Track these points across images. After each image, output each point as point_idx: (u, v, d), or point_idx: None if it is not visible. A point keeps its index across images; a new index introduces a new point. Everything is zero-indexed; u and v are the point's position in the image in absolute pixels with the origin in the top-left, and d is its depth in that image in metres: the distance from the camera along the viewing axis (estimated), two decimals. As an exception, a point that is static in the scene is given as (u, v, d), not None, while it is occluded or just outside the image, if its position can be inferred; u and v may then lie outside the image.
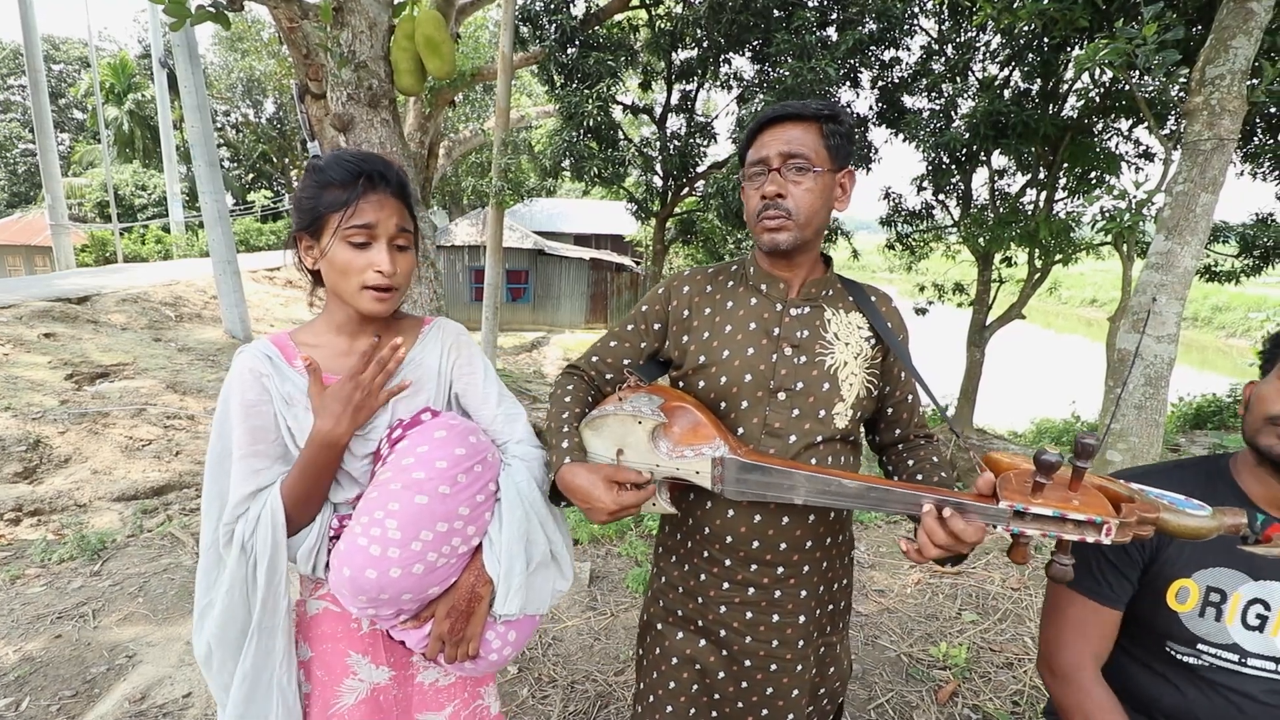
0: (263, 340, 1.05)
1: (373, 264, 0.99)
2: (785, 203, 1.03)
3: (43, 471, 4.71)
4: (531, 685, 2.17)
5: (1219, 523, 0.78)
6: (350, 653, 1.06)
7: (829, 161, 1.03)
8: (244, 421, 0.98)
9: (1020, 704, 2.06)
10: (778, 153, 1.03)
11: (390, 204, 1.01)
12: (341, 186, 0.98)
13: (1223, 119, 2.87)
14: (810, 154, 1.02)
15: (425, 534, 0.94)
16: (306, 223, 1.00)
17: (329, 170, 1.00)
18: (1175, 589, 1.03)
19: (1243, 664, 1.01)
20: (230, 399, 0.99)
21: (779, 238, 1.04)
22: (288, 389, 1.01)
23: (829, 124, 1.03)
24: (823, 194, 1.04)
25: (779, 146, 1.03)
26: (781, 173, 1.03)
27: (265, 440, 0.99)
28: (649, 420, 0.99)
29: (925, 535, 0.85)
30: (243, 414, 0.98)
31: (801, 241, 1.05)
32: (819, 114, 1.02)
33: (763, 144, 1.05)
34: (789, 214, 1.03)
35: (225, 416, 0.99)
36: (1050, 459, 0.76)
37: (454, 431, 1.01)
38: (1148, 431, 3.03)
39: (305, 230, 1.01)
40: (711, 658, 1.12)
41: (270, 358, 1.02)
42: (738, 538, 1.07)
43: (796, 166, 1.02)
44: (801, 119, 1.03)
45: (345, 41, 3.34)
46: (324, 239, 0.99)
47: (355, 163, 1.01)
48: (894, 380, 1.13)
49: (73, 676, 2.22)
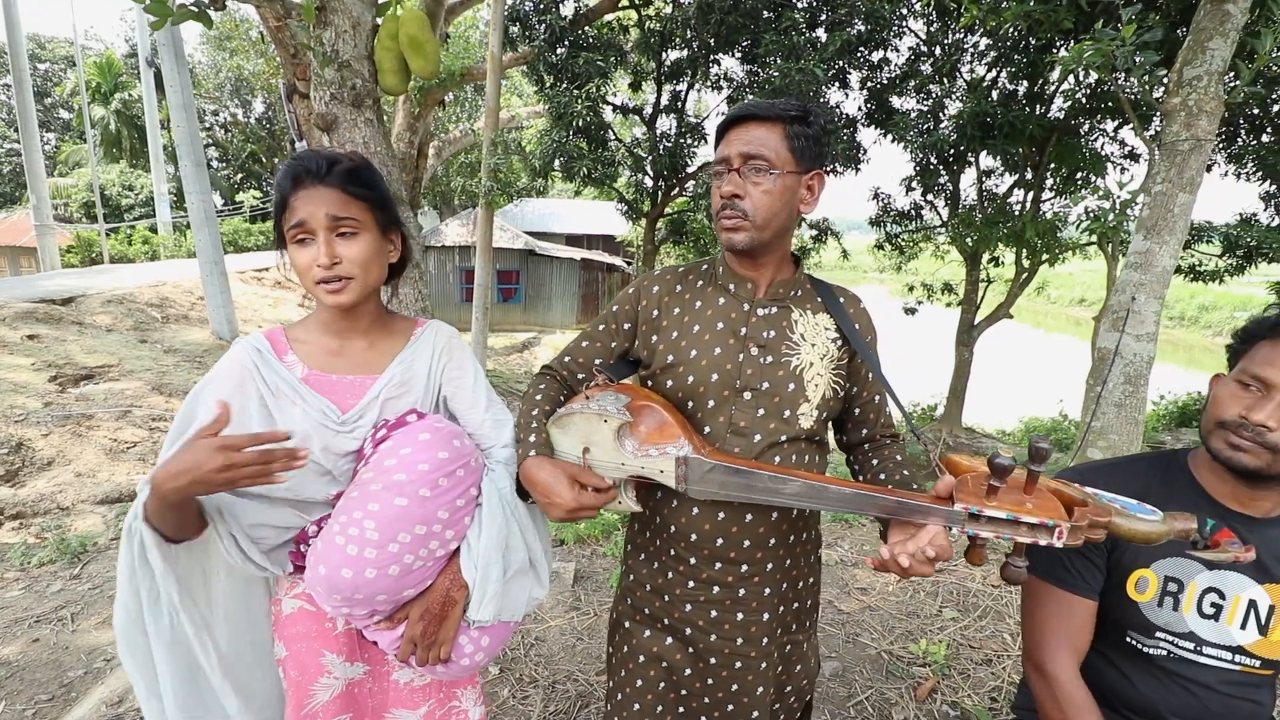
0: (257, 334, 1.07)
1: (314, 259, 1.00)
2: (742, 203, 1.03)
3: (25, 474, 4.67)
4: (513, 685, 2.17)
5: (1169, 528, 0.80)
6: (325, 652, 1.07)
7: (792, 163, 1.03)
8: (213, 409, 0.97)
9: (998, 700, 2.08)
10: (738, 153, 1.03)
11: (319, 194, 0.99)
12: (281, 189, 1.02)
13: (1200, 119, 2.90)
14: (770, 155, 1.02)
15: (403, 536, 0.94)
16: (279, 233, 1.04)
17: (278, 179, 1.04)
18: (1135, 579, 1.05)
19: (1199, 652, 1.03)
20: (205, 387, 1.01)
21: (735, 238, 1.05)
22: (274, 380, 1.02)
23: (794, 125, 1.02)
24: (783, 195, 1.04)
25: (739, 146, 1.03)
26: (741, 173, 1.03)
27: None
28: (614, 419, 1.00)
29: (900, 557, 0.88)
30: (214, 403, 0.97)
31: (759, 242, 1.06)
32: (784, 115, 1.02)
33: (726, 143, 1.05)
34: (745, 214, 1.03)
35: (199, 391, 1.00)
36: (1004, 463, 0.77)
37: (438, 435, 1.01)
38: (1127, 429, 3.06)
39: (280, 238, 1.05)
40: (678, 655, 1.13)
41: (260, 350, 1.03)
42: (702, 536, 1.08)
43: (755, 167, 1.02)
44: (765, 119, 1.03)
45: (328, 41, 3.33)
46: (286, 242, 1.03)
47: (291, 164, 1.03)
48: (861, 381, 1.14)
49: (49, 680, 2.20)
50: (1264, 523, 1.02)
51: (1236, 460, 0.97)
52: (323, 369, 1.05)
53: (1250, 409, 0.95)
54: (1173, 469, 1.09)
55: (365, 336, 1.09)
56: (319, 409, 1.02)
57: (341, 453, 1.03)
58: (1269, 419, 0.93)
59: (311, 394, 1.02)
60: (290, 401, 1.01)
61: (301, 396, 1.01)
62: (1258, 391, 0.96)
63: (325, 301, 1.02)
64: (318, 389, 1.03)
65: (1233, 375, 1.00)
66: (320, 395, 1.03)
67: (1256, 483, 0.99)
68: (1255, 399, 0.96)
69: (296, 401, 1.01)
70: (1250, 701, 1.04)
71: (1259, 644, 1.02)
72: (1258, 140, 6.87)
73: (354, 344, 1.09)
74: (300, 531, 1.04)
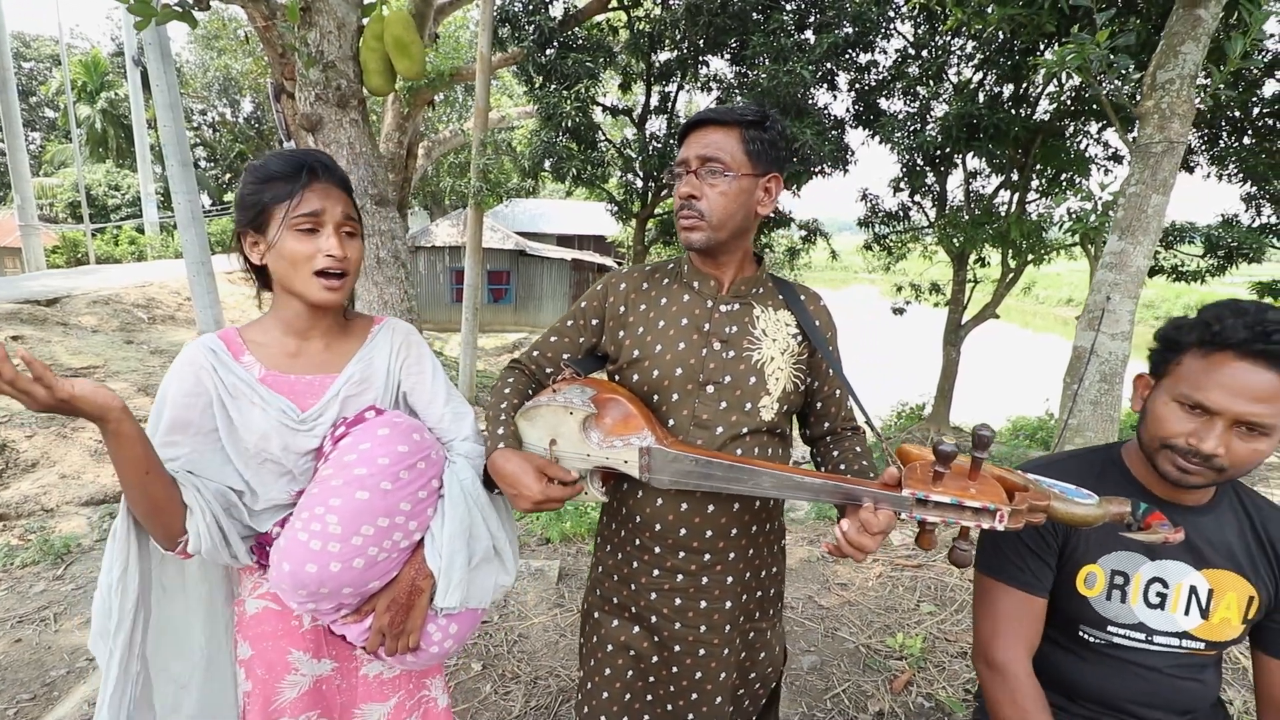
0: (210, 335, 1.06)
1: (322, 249, 1.01)
2: (698, 204, 1.07)
3: (8, 476, 4.64)
4: (495, 681, 2.19)
5: (1104, 511, 0.83)
6: (291, 650, 1.07)
7: (748, 165, 1.06)
8: (169, 410, 1.00)
9: (972, 691, 2.12)
10: (695, 155, 1.07)
11: (335, 193, 1.03)
12: (284, 179, 1.00)
13: (1173, 122, 2.96)
14: (726, 158, 1.05)
15: (366, 529, 0.96)
16: (251, 218, 1.01)
17: (269, 165, 1.02)
18: (1084, 574, 1.08)
19: (1149, 641, 1.07)
20: (166, 385, 1.01)
21: (692, 237, 1.09)
22: (231, 381, 1.02)
23: (750, 129, 1.06)
24: (738, 197, 1.07)
25: (697, 149, 1.07)
26: (698, 175, 1.07)
27: (183, 433, 1.01)
28: (580, 411, 1.03)
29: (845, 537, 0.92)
30: (170, 402, 1.00)
31: (715, 242, 1.09)
32: (741, 119, 1.06)
33: (686, 146, 1.09)
34: (701, 215, 1.07)
35: (157, 401, 1.02)
36: (947, 449, 0.80)
37: (397, 429, 1.03)
38: (1103, 426, 3.11)
39: (250, 226, 1.02)
40: (644, 643, 1.16)
41: (214, 350, 1.03)
42: (666, 525, 1.10)
43: (711, 170, 1.06)
44: (722, 124, 1.06)
45: (313, 41, 3.34)
46: (270, 231, 1.01)
47: (297, 156, 1.03)
48: (821, 376, 1.17)
49: (31, 680, 2.21)
50: (1195, 510, 1.06)
51: (1186, 482, 0.98)
52: (280, 369, 1.05)
53: (1197, 437, 0.94)
54: (1109, 463, 1.12)
55: (324, 337, 1.10)
56: (278, 408, 1.02)
57: (301, 451, 1.04)
58: (1217, 448, 0.93)
59: (270, 393, 1.03)
60: (249, 402, 1.01)
61: (260, 396, 1.02)
62: (1199, 415, 0.94)
63: (317, 296, 1.02)
64: (276, 389, 1.04)
65: (1172, 394, 0.98)
66: (279, 395, 1.03)
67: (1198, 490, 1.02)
68: (1199, 424, 0.94)
69: (255, 401, 1.02)
70: (1197, 681, 1.08)
71: (1202, 627, 1.05)
72: (1239, 142, 6.97)
73: (313, 344, 1.09)
74: (264, 534, 1.05)
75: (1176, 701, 1.07)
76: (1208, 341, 0.94)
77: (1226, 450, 0.93)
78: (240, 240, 1.05)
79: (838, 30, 7.23)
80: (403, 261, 3.88)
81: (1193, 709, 1.09)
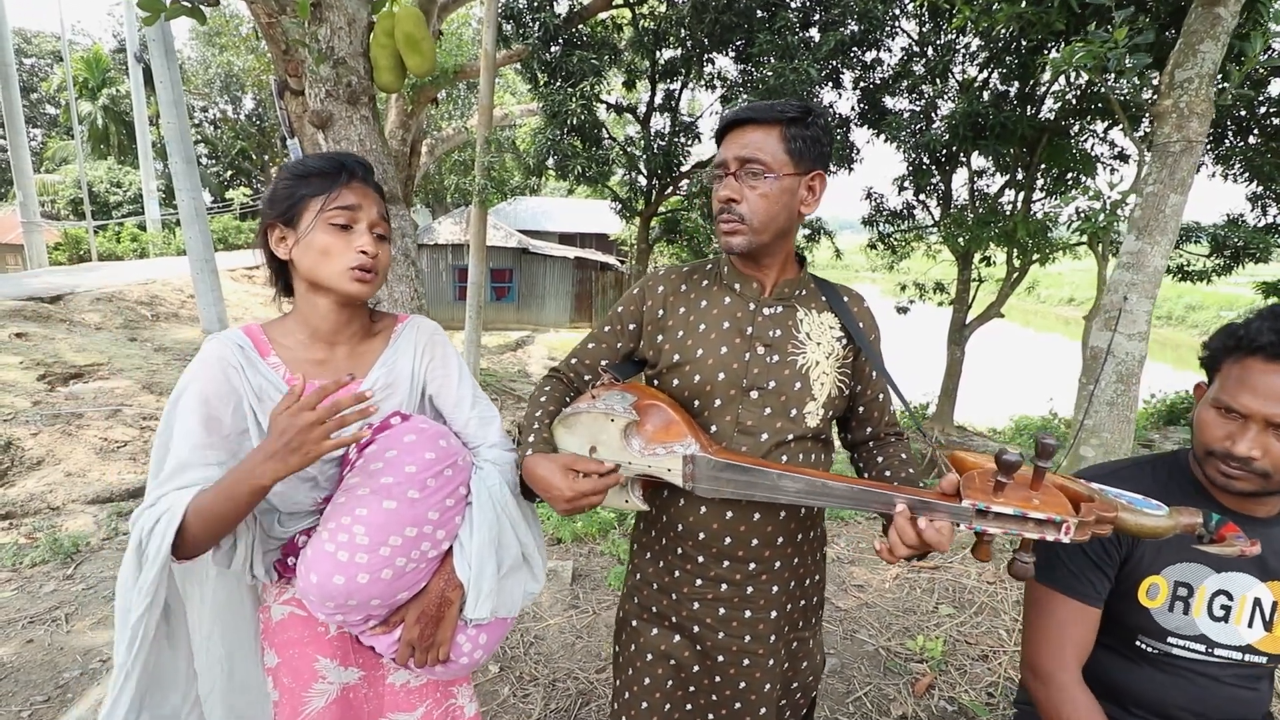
0: (235, 330, 1.03)
1: (355, 245, 0.99)
2: (739, 208, 1.04)
3: (14, 474, 4.62)
4: (513, 684, 2.18)
5: (1175, 522, 0.81)
6: (318, 657, 1.05)
7: (790, 165, 1.03)
8: (200, 408, 0.95)
9: (995, 695, 2.10)
10: (734, 156, 1.03)
11: (371, 194, 1.03)
12: (322, 175, 1.00)
13: (1191, 121, 2.93)
14: (767, 158, 1.02)
15: (394, 539, 0.93)
16: (282, 210, 1.00)
17: (309, 163, 1.01)
18: (1146, 586, 1.06)
19: (1210, 654, 1.05)
20: (190, 385, 0.96)
21: (733, 241, 1.05)
22: (259, 382, 0.98)
23: (791, 127, 1.02)
24: (780, 198, 1.03)
25: (735, 150, 1.03)
26: (737, 177, 1.03)
27: (218, 433, 0.96)
28: (621, 418, 1.00)
29: (896, 535, 0.88)
30: (200, 403, 0.95)
31: (757, 245, 1.06)
32: (781, 116, 1.02)
33: (724, 146, 1.06)
34: (742, 219, 1.04)
35: (178, 399, 0.95)
36: (1011, 459, 0.78)
37: (424, 436, 1.00)
38: (1119, 427, 3.09)
39: (279, 218, 1.00)
40: (686, 653, 1.13)
41: (242, 347, 1.00)
42: (710, 534, 1.08)
43: (751, 171, 1.02)
44: (762, 122, 1.02)
45: (323, 38, 3.31)
46: (302, 224, 0.99)
47: (337, 156, 1.03)
48: (865, 380, 1.15)
49: (44, 682, 2.19)
50: (1266, 522, 1.04)
51: (1232, 487, 0.99)
52: (306, 374, 1.02)
53: (1232, 440, 0.96)
54: (1175, 470, 1.10)
55: (350, 340, 1.07)
56: None
57: (324, 460, 1.01)
58: (1251, 450, 0.94)
59: None
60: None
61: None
62: (1235, 419, 0.96)
63: (349, 289, 1.00)
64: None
65: (1210, 401, 1.00)
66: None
67: (1255, 497, 1.01)
68: (1235, 428, 0.96)
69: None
70: (1252, 690, 1.07)
71: (1265, 640, 1.04)
72: (1245, 141, 6.95)
73: (339, 349, 1.06)
74: (289, 542, 1.02)
75: (1230, 710, 1.06)
76: (1239, 347, 0.96)
77: (1265, 453, 0.94)
78: (265, 234, 1.03)
79: (843, 28, 7.21)
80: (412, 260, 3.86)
81: (1245, 718, 1.08)
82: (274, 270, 1.07)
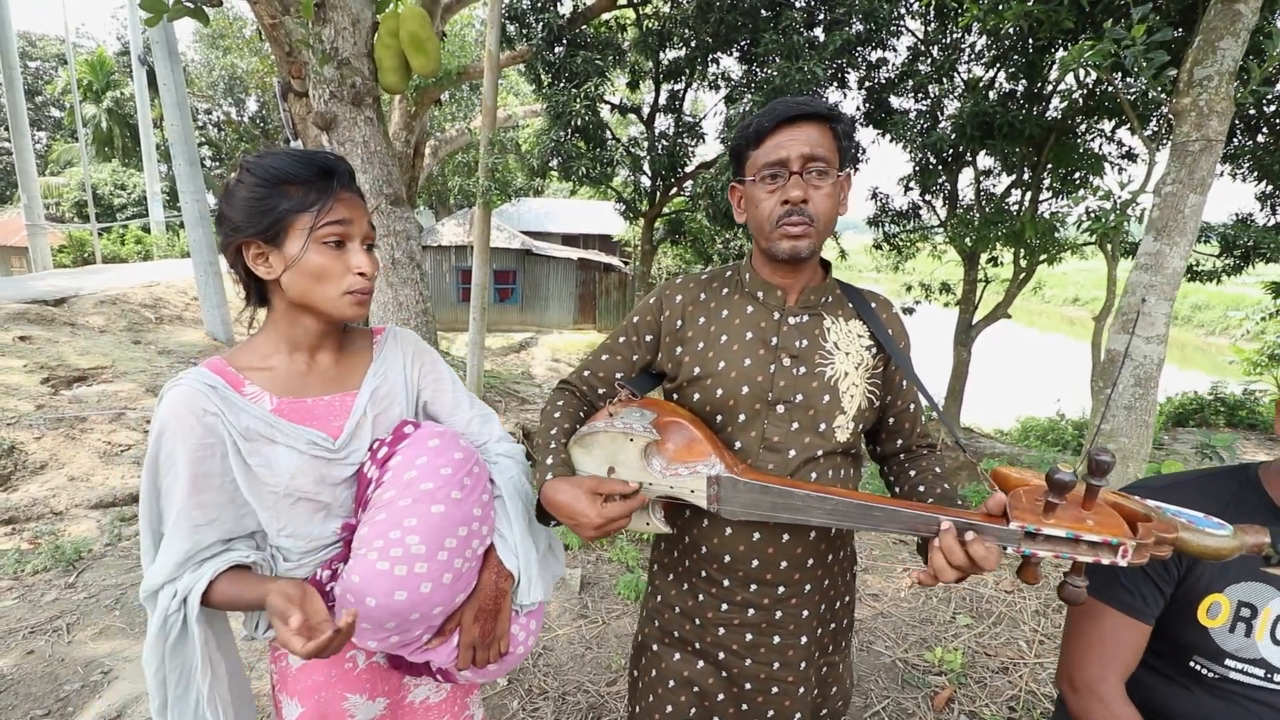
0: (199, 370, 0.91)
1: (353, 267, 0.93)
2: (809, 208, 0.97)
3: (17, 478, 4.58)
4: (522, 697, 2.13)
5: (1240, 542, 0.75)
6: (347, 695, 1.01)
7: (839, 164, 0.99)
8: (187, 469, 0.87)
9: (1017, 709, 2.05)
10: (799, 154, 0.96)
11: (359, 202, 0.95)
12: (306, 185, 0.89)
13: (1210, 120, 2.88)
14: (829, 156, 0.97)
15: (449, 541, 0.91)
16: (264, 226, 0.88)
17: (281, 166, 0.89)
18: (1207, 604, 1.00)
19: (1269, 679, 0.99)
20: (165, 443, 0.87)
21: (801, 245, 0.98)
22: (245, 422, 0.89)
23: (840, 124, 0.98)
24: (836, 197, 0.99)
25: (800, 148, 0.96)
26: (803, 176, 0.97)
27: (210, 489, 0.89)
28: (641, 437, 0.95)
29: (943, 557, 0.80)
30: (186, 460, 0.87)
31: (820, 248, 1.02)
32: (833, 113, 0.97)
33: (780, 144, 0.97)
34: (812, 220, 0.97)
35: (157, 463, 0.87)
36: (1065, 478, 0.73)
37: (446, 439, 0.97)
38: (1137, 432, 3.04)
39: (259, 235, 0.89)
40: (710, 680, 1.08)
41: (214, 388, 0.89)
42: (736, 557, 1.03)
43: (818, 170, 0.96)
44: (820, 118, 0.97)
45: (328, 39, 3.28)
46: (289, 244, 0.89)
47: (317, 159, 0.92)
48: (895, 390, 1.09)
49: (45, 694, 2.15)
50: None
51: None
52: (293, 394, 0.95)
53: None
54: (1245, 487, 1.03)
55: (332, 351, 1.01)
56: (308, 440, 0.92)
57: (337, 482, 0.96)
58: None
59: (292, 426, 0.92)
60: (269, 441, 0.91)
61: (282, 432, 0.91)
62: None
63: (347, 313, 0.94)
64: (295, 418, 0.93)
65: None
66: (301, 426, 0.93)
67: None
68: None
69: (277, 439, 0.91)
70: None
71: None
72: (1253, 140, 6.89)
73: (321, 360, 0.99)
74: (311, 579, 0.97)
75: (1285, 743, 1.00)
76: None
77: None
78: (240, 251, 0.91)
79: (848, 27, 7.16)
80: (417, 262, 3.82)
81: (1301, 750, 1.02)
82: (246, 283, 0.97)
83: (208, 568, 0.89)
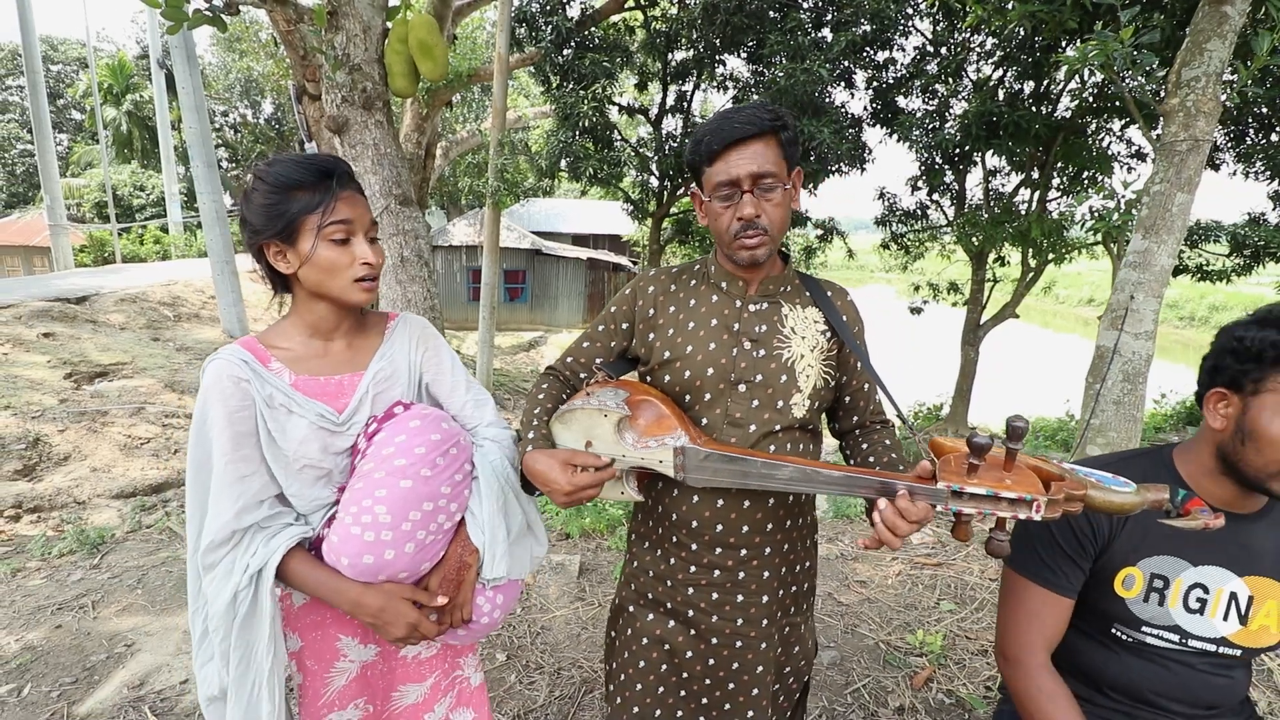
0: (233, 346, 1.05)
1: (358, 257, 1.05)
2: (762, 221, 1.07)
3: (42, 469, 4.76)
4: (519, 671, 2.23)
5: (1142, 498, 0.84)
6: (340, 636, 1.12)
7: (786, 170, 1.08)
8: (228, 428, 0.99)
9: (992, 689, 2.12)
10: (748, 173, 1.04)
11: (359, 199, 1.07)
12: (311, 188, 1.02)
13: (1198, 120, 2.93)
14: (776, 169, 1.06)
15: (413, 514, 1.00)
16: (280, 228, 1.02)
17: (289, 173, 1.01)
18: (1122, 576, 1.09)
19: (1184, 644, 1.07)
20: (210, 406, 1.00)
21: (759, 253, 1.08)
22: (268, 391, 1.03)
23: (783, 133, 1.06)
24: (787, 203, 1.09)
25: (749, 166, 1.04)
26: (754, 193, 1.06)
27: (249, 445, 1.02)
28: (614, 413, 1.05)
29: (879, 514, 0.91)
30: (226, 420, 0.99)
31: (776, 249, 1.12)
32: (774, 125, 1.05)
33: (730, 164, 1.05)
34: (765, 231, 1.07)
35: (204, 425, 1.00)
36: (981, 441, 0.82)
37: (427, 420, 1.07)
38: (1126, 426, 3.09)
39: (276, 236, 1.03)
40: (680, 638, 1.18)
41: (246, 362, 1.03)
42: (702, 522, 1.13)
43: (766, 186, 1.05)
44: (761, 134, 1.04)
45: (339, 45, 3.40)
46: (302, 243, 1.02)
47: (318, 163, 1.04)
48: (850, 371, 1.19)
49: (73, 664, 2.28)
50: (1246, 518, 1.06)
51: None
52: (310, 372, 1.08)
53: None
54: (1158, 467, 1.12)
55: (347, 335, 1.13)
56: (317, 413, 1.05)
57: (339, 451, 1.08)
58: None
59: (305, 399, 1.05)
60: (287, 411, 1.03)
61: (298, 404, 1.04)
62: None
63: (358, 299, 1.06)
64: (308, 393, 1.06)
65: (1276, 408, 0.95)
66: (313, 399, 1.06)
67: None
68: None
69: (293, 409, 1.04)
70: (1227, 678, 1.09)
71: (1240, 634, 1.06)
72: (1266, 139, 6.85)
73: (336, 344, 1.12)
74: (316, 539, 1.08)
75: (1205, 697, 1.08)
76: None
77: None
78: (263, 250, 1.06)
79: (855, 28, 7.20)
80: (425, 260, 3.94)
81: (1220, 704, 1.10)
82: (271, 276, 1.11)
83: (279, 541, 1.00)
